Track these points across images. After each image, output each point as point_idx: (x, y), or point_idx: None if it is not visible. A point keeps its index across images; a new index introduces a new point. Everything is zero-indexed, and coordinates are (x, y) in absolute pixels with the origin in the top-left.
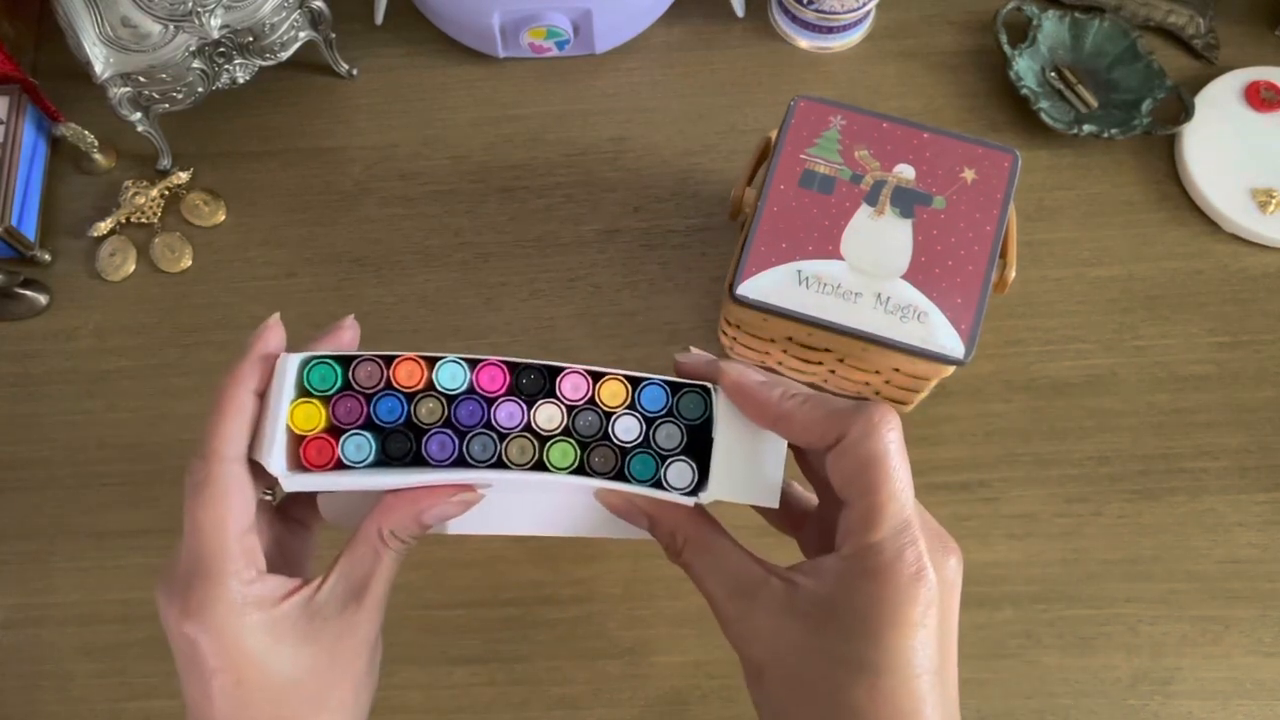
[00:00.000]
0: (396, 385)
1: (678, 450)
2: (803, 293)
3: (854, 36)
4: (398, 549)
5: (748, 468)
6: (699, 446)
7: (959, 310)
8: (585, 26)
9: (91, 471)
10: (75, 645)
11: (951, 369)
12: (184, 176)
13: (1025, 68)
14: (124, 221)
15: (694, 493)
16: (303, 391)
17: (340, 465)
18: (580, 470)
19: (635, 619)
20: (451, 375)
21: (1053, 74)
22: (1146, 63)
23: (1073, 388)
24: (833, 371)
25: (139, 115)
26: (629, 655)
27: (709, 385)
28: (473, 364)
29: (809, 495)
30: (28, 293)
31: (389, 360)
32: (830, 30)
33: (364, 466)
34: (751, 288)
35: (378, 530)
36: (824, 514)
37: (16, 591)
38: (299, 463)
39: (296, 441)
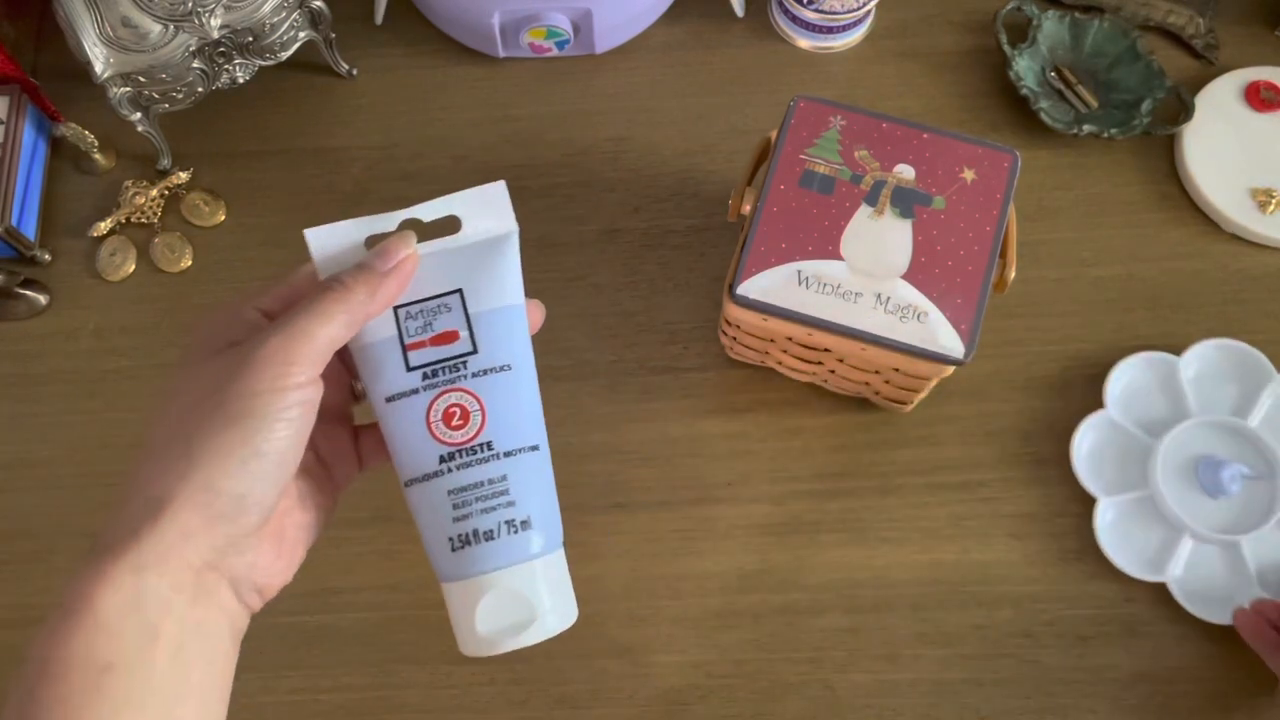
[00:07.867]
0: None
1: None
2: (802, 293)
3: (854, 36)
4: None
5: None
6: None
7: (959, 310)
8: (585, 26)
9: (91, 471)
10: None
11: (951, 369)
12: (184, 176)
13: (1025, 68)
14: (124, 221)
15: None
16: None
17: None
18: None
19: (635, 619)
20: None
21: (1053, 74)
22: (1146, 63)
23: (1072, 388)
24: (833, 371)
25: (139, 115)
26: (629, 655)
27: None
28: None
29: None
30: (28, 293)
31: None
32: (830, 30)
33: None
34: (751, 288)
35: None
36: None
37: (16, 591)
38: None
39: None
